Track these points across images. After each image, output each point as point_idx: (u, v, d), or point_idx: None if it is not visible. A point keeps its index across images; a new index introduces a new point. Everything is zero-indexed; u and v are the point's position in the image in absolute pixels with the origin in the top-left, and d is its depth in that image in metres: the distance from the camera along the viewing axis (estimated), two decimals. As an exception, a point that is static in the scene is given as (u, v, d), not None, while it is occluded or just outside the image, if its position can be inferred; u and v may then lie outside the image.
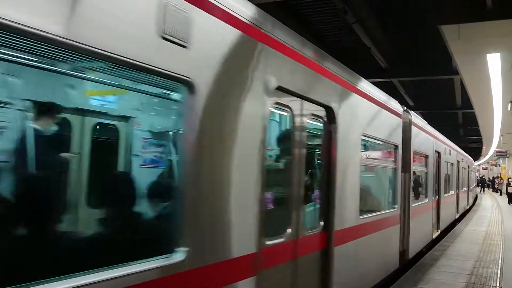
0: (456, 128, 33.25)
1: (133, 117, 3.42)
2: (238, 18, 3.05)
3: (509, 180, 29.09)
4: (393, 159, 7.38)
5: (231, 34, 3.00)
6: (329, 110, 4.51)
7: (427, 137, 10.17)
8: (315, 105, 4.24)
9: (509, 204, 27.28)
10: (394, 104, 7.36)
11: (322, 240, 4.41)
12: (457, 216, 16.88)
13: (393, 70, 15.74)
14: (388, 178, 7.45)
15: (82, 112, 3.15)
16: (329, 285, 4.44)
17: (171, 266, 2.42)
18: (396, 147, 7.33)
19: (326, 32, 13.32)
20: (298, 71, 3.88)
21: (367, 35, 12.32)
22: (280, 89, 3.53)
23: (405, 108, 8.22)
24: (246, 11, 3.18)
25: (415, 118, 8.82)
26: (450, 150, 15.54)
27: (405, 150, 7.68)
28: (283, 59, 3.62)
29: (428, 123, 11.72)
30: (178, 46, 2.49)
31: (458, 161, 17.08)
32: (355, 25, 11.38)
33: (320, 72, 4.33)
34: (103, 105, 3.24)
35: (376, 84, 7.57)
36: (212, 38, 2.81)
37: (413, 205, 8.54)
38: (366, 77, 6.57)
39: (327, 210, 4.49)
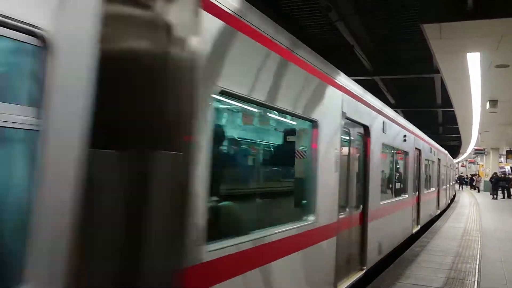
0: (436, 126, 33.81)
1: None
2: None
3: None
4: None
5: None
6: None
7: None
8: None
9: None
10: None
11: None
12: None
13: (375, 68, 15.90)
14: None
15: None
16: None
17: None
18: None
19: (310, 29, 13.37)
20: None
21: (350, 33, 12.41)
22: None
23: None
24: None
25: None
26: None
27: None
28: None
29: (410, 121, 11.83)
30: None
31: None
32: (339, 23, 11.45)
33: None
34: None
35: (358, 82, 7.60)
36: None
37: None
38: (349, 75, 6.60)
39: None
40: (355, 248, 6.55)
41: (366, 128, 6.89)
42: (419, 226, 12.58)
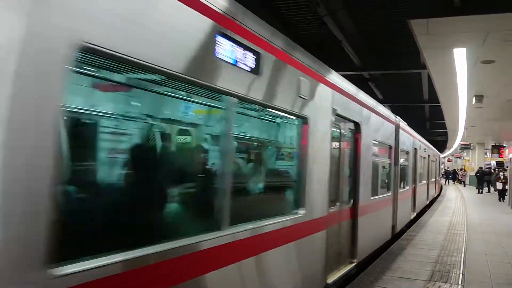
0: (423, 122, 34.13)
1: None
2: None
3: (500, 174, 26.09)
4: None
5: None
6: None
7: None
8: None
9: (500, 201, 24.56)
10: None
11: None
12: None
13: (363, 64, 15.96)
14: None
15: None
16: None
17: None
18: None
19: (298, 24, 13.35)
20: None
21: (338, 28, 12.43)
22: None
23: None
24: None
25: None
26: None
27: None
28: None
29: (397, 115, 11.91)
30: None
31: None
32: (327, 18, 11.45)
33: None
34: None
35: (347, 77, 7.64)
36: None
37: None
38: (337, 70, 6.64)
39: None
40: (410, 202, 13.79)
41: (415, 150, 13.68)
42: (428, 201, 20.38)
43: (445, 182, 47.71)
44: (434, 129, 37.84)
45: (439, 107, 19.02)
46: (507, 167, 26.68)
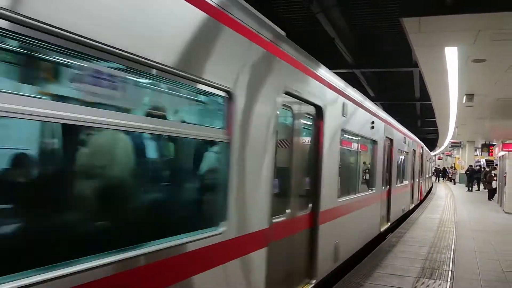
0: (415, 119, 34.34)
1: None
2: None
3: (492, 172, 25.61)
4: None
5: None
6: None
7: None
8: None
9: (489, 200, 23.93)
10: None
11: None
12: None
13: (356, 61, 16.01)
14: None
15: None
16: None
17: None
18: None
19: (291, 21, 13.34)
20: None
21: (331, 25, 12.44)
22: None
23: None
24: None
25: None
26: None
27: None
28: None
29: (389, 114, 11.97)
30: None
31: None
32: (320, 15, 11.45)
33: None
34: None
35: (339, 74, 7.66)
36: None
37: None
38: (330, 67, 6.65)
39: None
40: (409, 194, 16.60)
41: (422, 151, 18.86)
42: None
43: (436, 180, 48.19)
44: (425, 127, 38.11)
45: (430, 105, 19.13)
46: (496, 165, 26.89)
